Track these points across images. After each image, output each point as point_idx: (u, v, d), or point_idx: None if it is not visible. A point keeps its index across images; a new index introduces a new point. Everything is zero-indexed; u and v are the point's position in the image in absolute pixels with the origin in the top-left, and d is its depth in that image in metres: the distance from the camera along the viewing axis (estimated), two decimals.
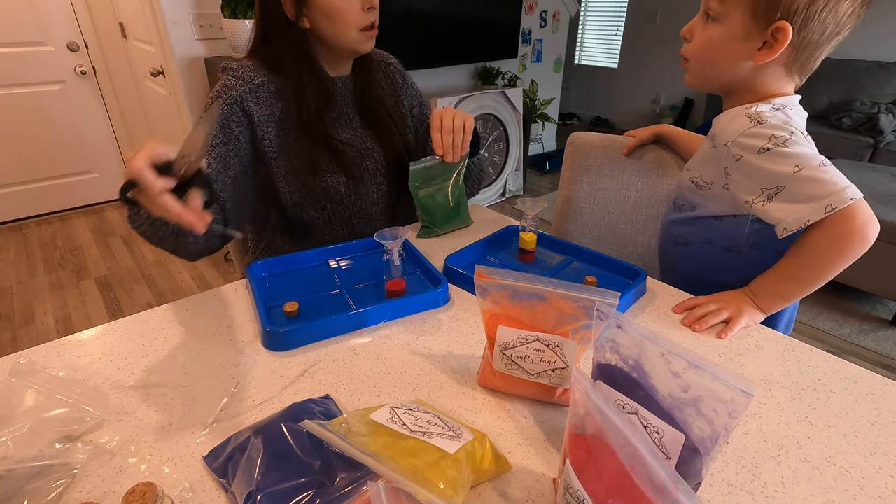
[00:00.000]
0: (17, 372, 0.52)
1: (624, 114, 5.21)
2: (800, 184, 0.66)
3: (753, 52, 0.69)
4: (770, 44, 0.67)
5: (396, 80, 1.08)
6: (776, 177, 0.68)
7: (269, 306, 0.73)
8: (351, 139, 0.99)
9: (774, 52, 0.67)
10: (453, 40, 2.94)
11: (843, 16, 0.65)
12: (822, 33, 0.66)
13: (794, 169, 0.66)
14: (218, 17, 2.19)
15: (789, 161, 0.66)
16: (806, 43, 0.67)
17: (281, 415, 0.50)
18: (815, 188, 0.65)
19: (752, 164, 0.70)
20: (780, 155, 0.67)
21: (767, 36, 0.67)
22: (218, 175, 0.85)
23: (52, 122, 2.84)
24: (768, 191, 0.69)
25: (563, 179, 1.20)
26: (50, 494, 0.44)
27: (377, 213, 1.04)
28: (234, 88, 0.88)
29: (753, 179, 0.70)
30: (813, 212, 0.65)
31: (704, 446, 0.37)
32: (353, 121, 1.00)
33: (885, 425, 0.54)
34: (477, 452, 0.44)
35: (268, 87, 0.90)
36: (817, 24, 0.65)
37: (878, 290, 2.11)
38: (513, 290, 0.52)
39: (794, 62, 0.70)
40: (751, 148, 0.69)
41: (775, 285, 0.71)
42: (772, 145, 0.68)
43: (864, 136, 3.17)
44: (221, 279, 2.37)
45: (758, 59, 0.69)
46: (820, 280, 0.68)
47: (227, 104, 0.87)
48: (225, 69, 0.90)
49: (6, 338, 1.96)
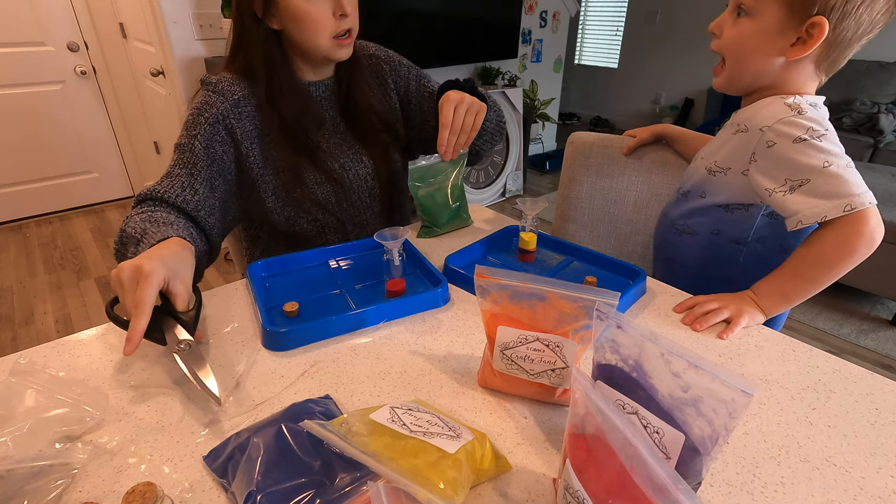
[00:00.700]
0: (17, 372, 0.52)
1: (624, 114, 5.21)
2: (825, 179, 0.66)
3: (786, 47, 0.69)
4: (804, 39, 0.67)
5: (382, 70, 1.03)
6: (804, 169, 0.68)
7: (269, 306, 0.73)
8: (338, 144, 0.96)
9: (809, 47, 0.67)
10: (453, 40, 2.94)
11: (877, 13, 0.65)
12: (857, 30, 0.66)
13: (823, 164, 0.66)
14: (218, 17, 2.19)
15: (821, 156, 0.67)
16: (840, 40, 0.67)
17: (281, 415, 0.50)
18: (839, 186, 0.65)
19: (783, 152, 0.70)
20: (814, 148, 0.67)
21: (802, 31, 0.67)
22: (206, 200, 0.84)
23: (52, 122, 2.84)
24: (792, 182, 0.69)
25: (563, 179, 1.20)
26: (50, 494, 0.44)
27: (371, 218, 1.02)
28: (214, 106, 0.85)
29: (780, 168, 0.70)
30: (833, 209, 0.65)
31: (704, 446, 0.37)
32: (338, 126, 0.97)
33: (885, 425, 0.54)
34: (477, 452, 0.44)
35: (248, 100, 0.88)
36: (853, 20, 0.65)
37: (878, 290, 2.11)
38: (513, 290, 0.52)
39: (825, 59, 0.70)
40: (787, 136, 0.69)
41: (780, 286, 0.71)
42: (808, 137, 0.68)
43: (864, 136, 3.17)
44: (221, 279, 2.37)
45: (791, 54, 0.69)
46: (824, 280, 0.68)
47: (209, 123, 0.85)
48: (204, 83, 0.88)
49: (6, 338, 1.96)
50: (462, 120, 0.88)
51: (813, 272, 0.69)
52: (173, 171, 0.84)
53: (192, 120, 0.85)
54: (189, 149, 0.84)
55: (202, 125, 0.85)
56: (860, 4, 0.64)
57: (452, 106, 0.88)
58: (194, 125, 0.85)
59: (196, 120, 0.85)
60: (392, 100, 1.04)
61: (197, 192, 0.83)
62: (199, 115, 0.85)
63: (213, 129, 0.85)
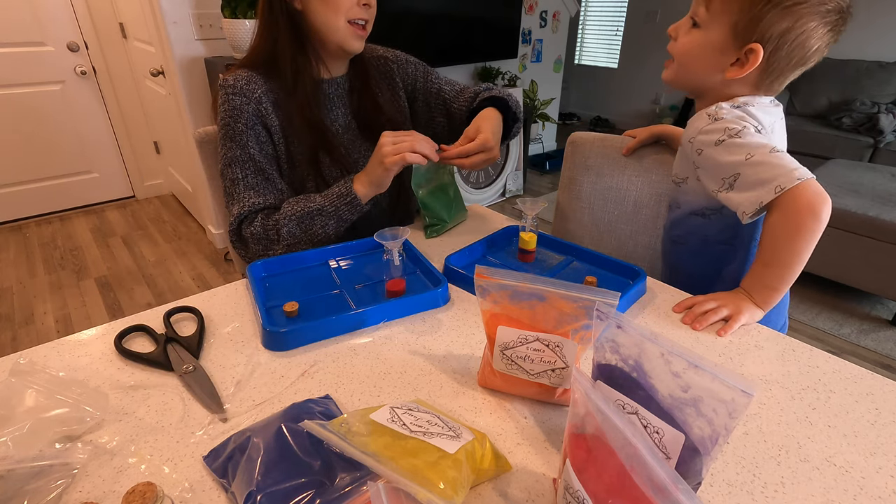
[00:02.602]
0: (17, 372, 0.52)
1: (624, 114, 5.20)
2: (752, 170, 0.70)
3: (726, 66, 0.74)
4: (742, 62, 0.72)
5: (391, 69, 1.06)
6: (731, 166, 0.72)
7: (269, 306, 0.73)
8: (350, 141, 0.99)
9: (744, 70, 0.72)
10: (453, 40, 2.94)
11: (809, 51, 0.70)
12: (789, 62, 0.71)
13: (745, 157, 0.70)
14: (218, 17, 2.19)
15: (742, 150, 0.71)
16: (773, 68, 0.72)
17: (281, 415, 0.50)
18: (766, 172, 0.68)
19: (710, 156, 0.75)
20: (734, 145, 0.72)
21: (741, 54, 0.71)
22: (285, 191, 0.92)
23: (52, 122, 2.84)
24: (728, 180, 0.73)
25: (563, 179, 1.20)
26: (50, 494, 0.44)
27: (378, 215, 1.04)
28: (244, 109, 0.88)
29: (714, 171, 0.75)
30: (766, 193, 0.68)
31: (704, 446, 0.37)
32: (349, 124, 1.00)
33: (885, 425, 0.54)
34: (477, 452, 0.44)
35: (267, 96, 0.90)
36: (785, 52, 0.70)
37: (878, 290, 2.11)
38: (513, 290, 0.52)
39: (761, 82, 0.75)
40: (708, 143, 0.75)
41: (760, 278, 0.73)
42: (725, 137, 0.72)
43: (864, 136, 3.17)
44: (221, 279, 2.37)
45: (729, 73, 0.74)
46: (792, 261, 0.70)
47: (248, 128, 0.88)
48: (224, 87, 0.89)
49: (6, 338, 1.96)
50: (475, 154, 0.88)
51: (778, 257, 0.70)
52: (250, 182, 0.89)
53: (231, 130, 0.88)
54: (249, 158, 0.89)
55: (245, 132, 0.88)
56: (794, 40, 0.69)
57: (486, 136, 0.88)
58: (238, 135, 0.88)
59: (235, 129, 0.88)
60: (401, 98, 1.07)
61: (282, 190, 0.92)
62: (235, 122, 0.88)
63: (254, 132, 0.89)
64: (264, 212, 0.89)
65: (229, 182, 0.89)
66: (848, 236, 2.06)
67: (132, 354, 0.63)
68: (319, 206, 0.86)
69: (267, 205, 0.89)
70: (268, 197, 0.89)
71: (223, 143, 0.89)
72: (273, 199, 0.90)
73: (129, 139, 3.12)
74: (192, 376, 0.59)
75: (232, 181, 0.89)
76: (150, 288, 2.29)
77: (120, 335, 0.66)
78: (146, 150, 3.21)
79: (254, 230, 0.87)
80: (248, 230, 0.88)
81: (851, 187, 2.24)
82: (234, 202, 0.89)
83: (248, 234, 0.87)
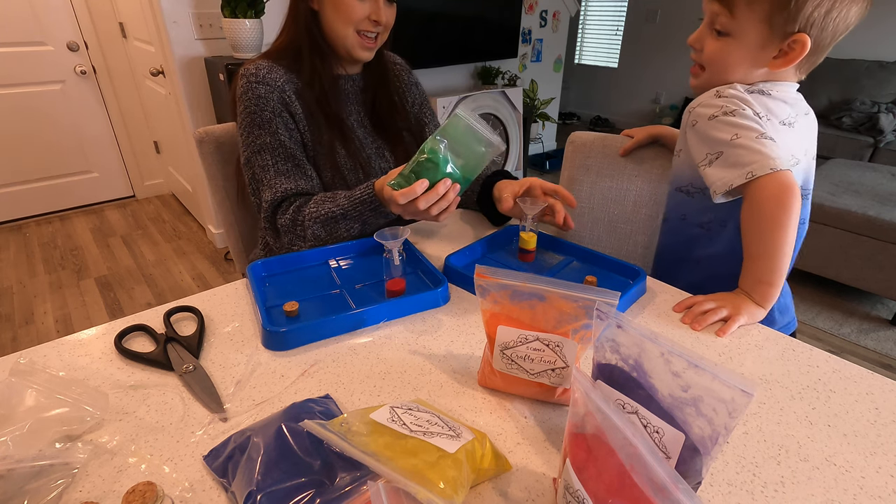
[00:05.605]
0: (17, 372, 0.52)
1: (624, 113, 5.21)
2: (734, 151, 0.71)
3: (769, 59, 0.73)
4: (785, 52, 0.71)
5: (405, 79, 1.10)
6: (717, 142, 0.73)
7: (269, 306, 0.73)
8: (364, 136, 1.01)
9: (791, 60, 0.72)
10: (453, 40, 2.94)
11: (852, 19, 0.70)
12: (834, 36, 0.71)
13: (732, 137, 0.71)
14: (218, 17, 2.19)
15: (730, 130, 0.71)
16: (819, 48, 0.72)
17: (281, 415, 0.50)
18: (745, 156, 0.69)
19: (701, 129, 0.76)
20: (725, 123, 0.72)
21: (784, 46, 0.71)
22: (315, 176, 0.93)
23: (52, 121, 2.84)
24: (711, 155, 0.74)
25: (563, 179, 1.20)
26: (50, 494, 0.44)
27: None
28: (269, 98, 0.89)
29: (701, 144, 0.76)
30: (737, 177, 0.69)
31: (704, 446, 0.37)
32: (363, 121, 1.02)
33: (885, 425, 0.54)
34: (477, 452, 0.44)
35: (288, 86, 0.92)
36: (830, 30, 0.70)
37: (878, 290, 2.11)
38: (513, 290, 0.52)
39: (805, 64, 0.74)
40: (703, 115, 0.76)
41: (751, 273, 0.73)
42: (720, 114, 0.73)
43: (864, 136, 3.17)
44: (221, 279, 2.37)
45: (773, 66, 0.73)
46: (772, 253, 0.70)
47: (276, 115, 0.89)
48: (245, 76, 0.91)
49: (6, 338, 1.96)
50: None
51: (759, 247, 0.71)
52: (280, 169, 0.89)
53: (258, 118, 0.89)
54: (279, 144, 0.89)
55: (273, 120, 0.89)
56: (837, 16, 0.68)
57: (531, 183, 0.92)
58: (267, 122, 0.89)
59: (262, 116, 0.89)
60: (408, 104, 1.11)
61: (311, 176, 0.92)
62: (262, 110, 0.89)
63: (282, 119, 0.90)
64: (297, 200, 0.89)
65: (259, 169, 0.90)
66: (848, 236, 2.06)
67: (132, 354, 0.63)
68: (343, 211, 0.85)
69: (299, 190, 0.90)
70: (299, 182, 0.90)
71: (249, 130, 0.90)
72: (304, 184, 0.91)
73: (129, 139, 3.12)
74: (192, 376, 0.59)
75: (262, 167, 0.89)
76: (150, 288, 2.29)
77: (120, 335, 0.66)
78: (146, 150, 3.21)
79: (284, 221, 0.88)
80: (280, 220, 0.89)
81: (851, 187, 2.25)
82: (265, 188, 0.90)
83: (280, 224, 0.89)
